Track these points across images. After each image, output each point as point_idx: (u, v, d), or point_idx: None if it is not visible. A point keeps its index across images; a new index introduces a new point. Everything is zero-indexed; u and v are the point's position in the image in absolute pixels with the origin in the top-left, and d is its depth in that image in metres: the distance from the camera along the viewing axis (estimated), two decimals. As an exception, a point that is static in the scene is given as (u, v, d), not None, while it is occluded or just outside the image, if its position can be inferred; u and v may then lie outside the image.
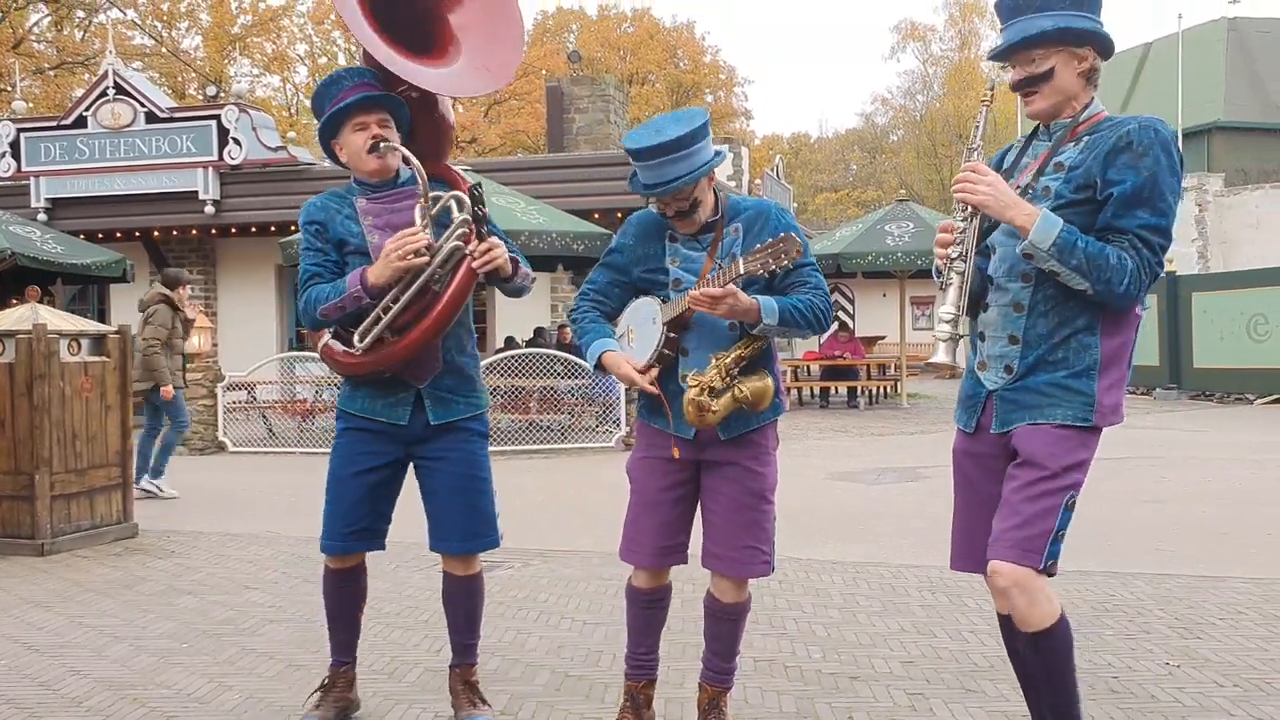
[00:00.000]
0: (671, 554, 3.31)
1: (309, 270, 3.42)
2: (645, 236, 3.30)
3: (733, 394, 3.08)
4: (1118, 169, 2.64)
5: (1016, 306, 2.78)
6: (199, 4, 32.51)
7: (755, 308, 3.03)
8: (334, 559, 3.54)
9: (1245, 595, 5.17)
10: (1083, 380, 2.71)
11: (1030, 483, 2.69)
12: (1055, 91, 2.77)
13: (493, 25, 3.63)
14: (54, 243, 14.06)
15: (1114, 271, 2.60)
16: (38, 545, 6.39)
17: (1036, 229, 2.62)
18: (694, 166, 3.07)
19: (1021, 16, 2.77)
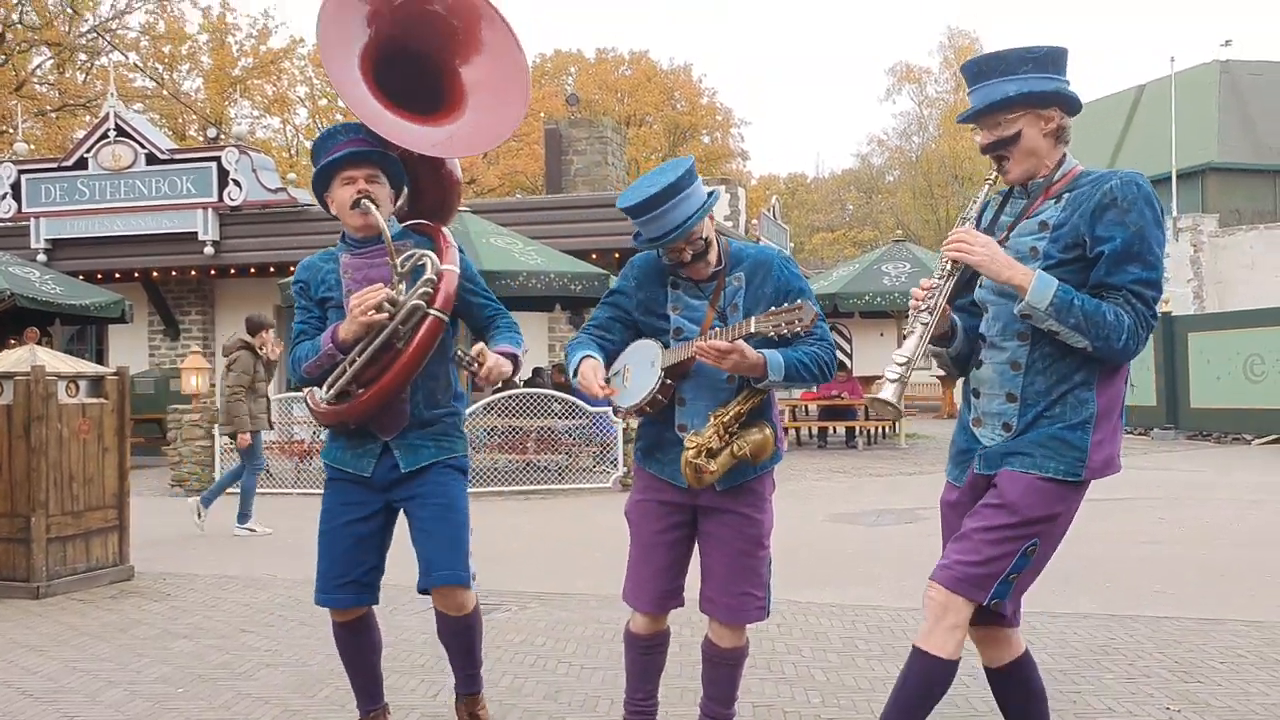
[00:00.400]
0: (670, 598, 3.33)
1: (296, 328, 3.52)
2: (647, 280, 3.32)
3: (731, 451, 3.09)
4: (1105, 226, 2.68)
5: (1014, 365, 2.81)
6: (200, 47, 32.80)
7: (761, 363, 3.02)
8: (335, 612, 3.55)
9: (1245, 639, 5.15)
10: (1077, 433, 2.73)
11: (996, 526, 2.72)
12: (1025, 154, 2.82)
13: (501, 84, 3.67)
14: (53, 283, 14.10)
15: (1112, 328, 2.64)
16: (33, 588, 6.35)
17: (1033, 290, 2.65)
18: (694, 208, 3.09)
19: (986, 81, 2.81)
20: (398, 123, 3.46)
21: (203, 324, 19.11)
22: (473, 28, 3.66)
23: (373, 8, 3.56)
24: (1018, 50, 2.81)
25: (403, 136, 3.45)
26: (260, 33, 33.36)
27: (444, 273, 3.37)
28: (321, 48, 3.52)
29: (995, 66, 2.80)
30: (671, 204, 3.07)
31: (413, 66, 3.62)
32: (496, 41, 3.68)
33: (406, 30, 3.60)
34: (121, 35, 29.36)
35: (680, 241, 3.12)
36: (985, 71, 2.82)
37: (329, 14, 3.47)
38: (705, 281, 3.23)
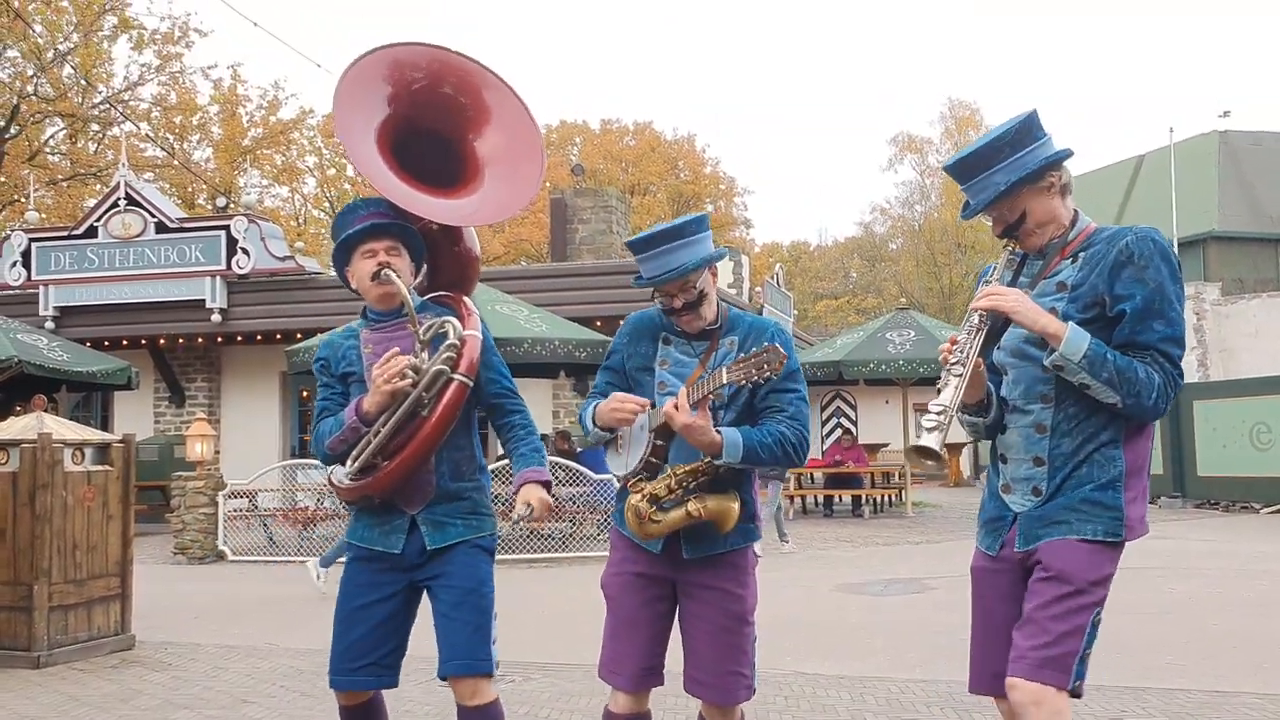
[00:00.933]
0: (651, 675, 3.22)
1: (319, 406, 3.49)
2: (639, 335, 3.30)
3: (685, 509, 2.99)
4: (1124, 284, 2.66)
5: (1039, 428, 2.77)
6: (211, 118, 33.23)
7: (717, 443, 2.95)
8: (342, 695, 3.43)
9: (1259, 711, 5.09)
10: (1109, 493, 2.70)
11: (1057, 598, 2.64)
12: (1038, 225, 2.82)
13: (516, 150, 3.71)
14: (60, 350, 14.17)
15: (1143, 385, 2.62)
16: (33, 658, 6.30)
17: (1068, 340, 2.62)
18: (696, 256, 3.09)
19: (975, 178, 2.83)
20: (421, 197, 3.50)
21: (208, 391, 19.15)
22: (479, 100, 3.72)
23: (393, 90, 3.62)
24: (990, 141, 2.80)
25: (427, 209, 3.49)
26: (270, 104, 33.81)
27: (467, 338, 3.36)
28: (339, 125, 3.56)
29: (977, 164, 2.82)
30: (674, 245, 3.08)
31: (428, 145, 3.68)
32: (504, 108, 3.74)
33: (421, 111, 3.66)
34: (134, 106, 29.79)
35: (674, 285, 3.11)
36: (969, 171, 2.83)
37: (345, 92, 3.53)
38: (698, 339, 3.21)
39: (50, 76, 26.46)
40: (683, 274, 3.09)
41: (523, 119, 3.77)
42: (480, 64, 3.74)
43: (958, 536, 14.23)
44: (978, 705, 5.12)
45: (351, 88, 3.54)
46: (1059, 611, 2.63)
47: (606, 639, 3.26)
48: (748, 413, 3.11)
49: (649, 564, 3.18)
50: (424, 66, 3.67)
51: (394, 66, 3.64)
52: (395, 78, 3.63)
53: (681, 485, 3.01)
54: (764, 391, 3.09)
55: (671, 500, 3.01)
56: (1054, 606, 2.64)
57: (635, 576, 3.21)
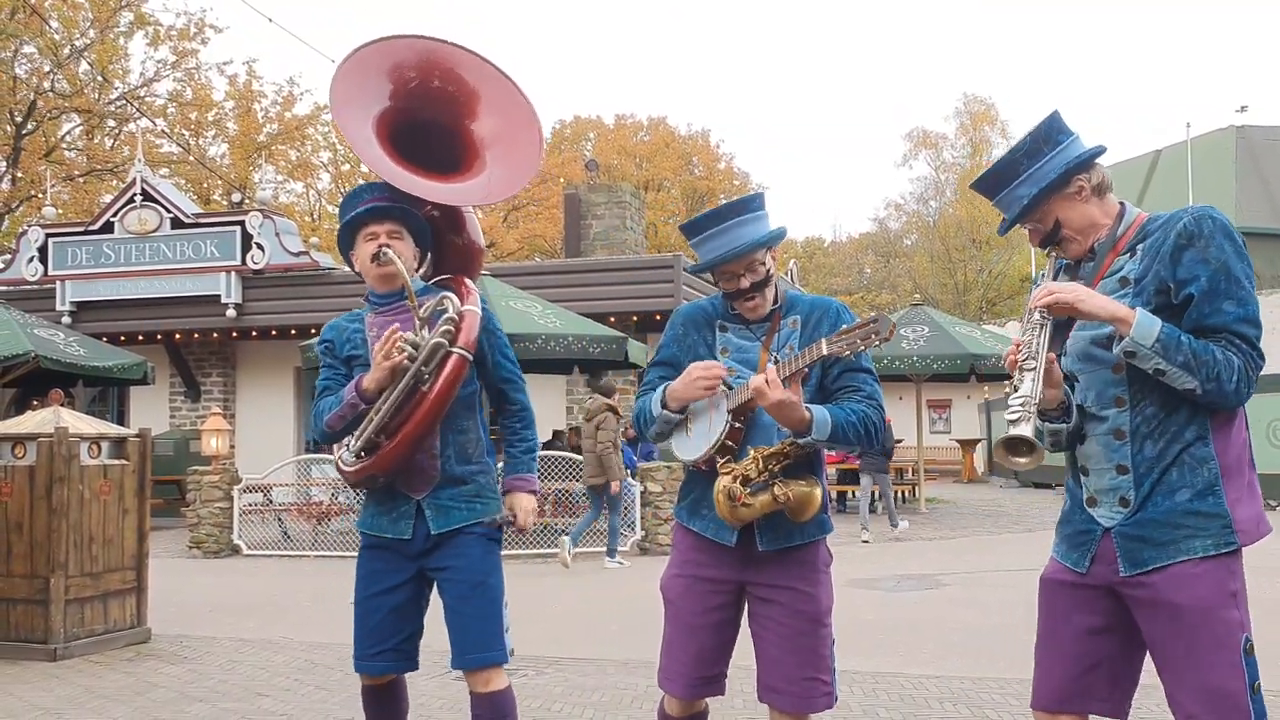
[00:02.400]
0: (709, 685, 3.06)
1: (320, 386, 3.52)
2: (692, 325, 3.13)
3: (772, 493, 2.83)
4: (1186, 266, 2.51)
5: (1118, 434, 2.59)
6: (227, 114, 33.35)
7: (806, 420, 2.80)
8: (365, 676, 3.52)
9: (1274, 708, 5.05)
10: (1209, 500, 2.50)
11: (1195, 640, 2.46)
12: (1076, 232, 2.70)
13: (511, 130, 3.74)
14: (76, 345, 14.24)
15: (1222, 367, 2.44)
16: (50, 650, 6.34)
17: (1138, 325, 2.45)
18: (761, 232, 2.96)
19: (1000, 194, 2.75)
20: (420, 180, 3.53)
21: (224, 385, 19.23)
22: (472, 90, 3.74)
23: (393, 86, 3.65)
24: (1011, 156, 2.73)
25: (427, 192, 3.52)
26: (285, 99, 33.89)
27: (465, 313, 3.37)
28: (337, 116, 3.59)
29: (999, 181, 2.74)
30: (736, 221, 2.94)
31: (430, 134, 3.70)
32: (491, 88, 3.76)
33: (417, 104, 3.69)
34: (150, 102, 29.90)
35: (740, 263, 2.95)
36: (993, 187, 2.76)
37: (339, 89, 3.57)
38: (757, 323, 3.04)
39: (67, 73, 26.60)
40: (750, 248, 2.93)
41: (513, 97, 3.79)
42: (462, 47, 3.76)
43: (971, 533, 14.19)
44: (990, 701, 5.11)
45: (344, 83, 3.58)
46: (1202, 654, 2.44)
47: (664, 645, 3.10)
48: (820, 394, 2.97)
49: (715, 565, 3.00)
50: (413, 60, 3.70)
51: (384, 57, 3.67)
52: (389, 71, 3.67)
53: (767, 468, 2.84)
54: (837, 371, 2.96)
55: (759, 483, 2.84)
56: (1194, 650, 2.45)
57: (697, 580, 3.03)
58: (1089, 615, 2.64)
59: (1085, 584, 2.64)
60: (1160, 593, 2.49)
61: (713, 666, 3.04)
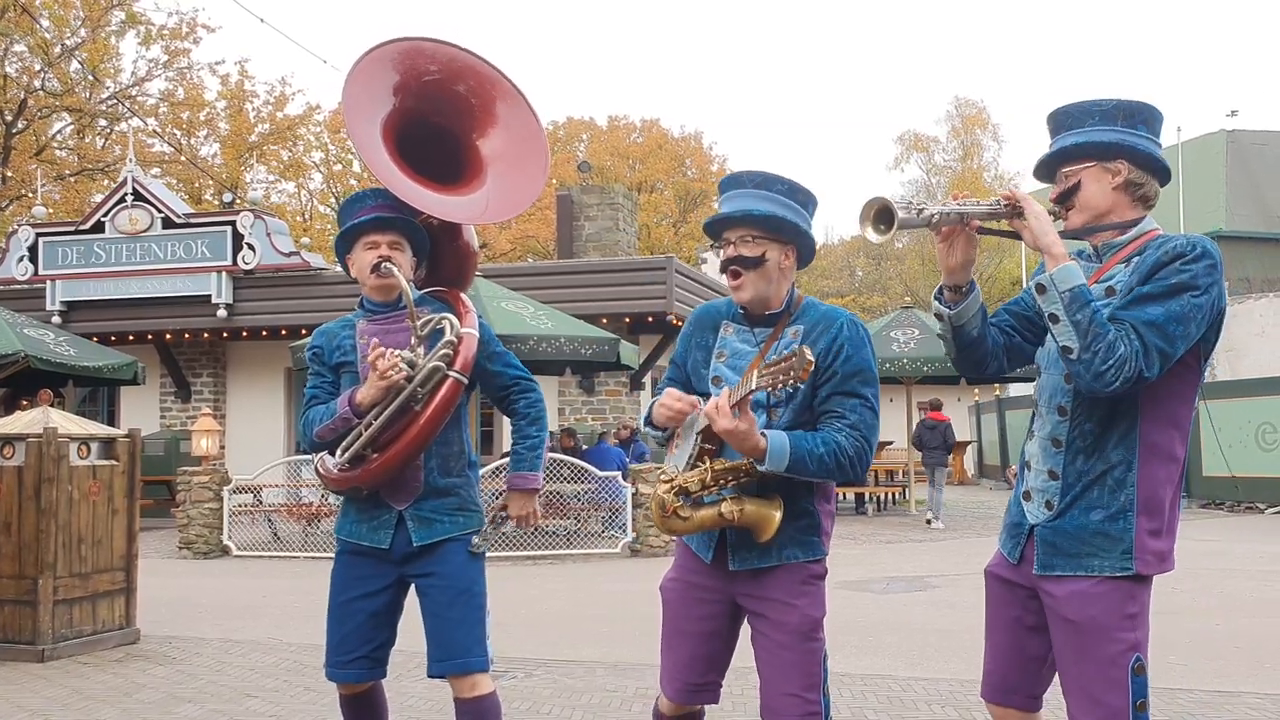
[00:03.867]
0: (700, 693, 2.99)
1: (309, 393, 3.51)
2: (702, 325, 3.05)
3: (719, 510, 2.72)
4: (1155, 279, 2.50)
5: (1055, 441, 2.65)
6: (218, 113, 33.29)
7: (761, 448, 2.66)
8: (343, 685, 3.49)
9: (1260, 712, 5.09)
10: (1119, 524, 2.54)
11: (1086, 658, 2.53)
12: (1085, 206, 2.66)
13: (519, 152, 3.74)
14: (66, 345, 14.20)
15: (1105, 347, 2.42)
16: (38, 651, 6.32)
17: (1064, 268, 2.48)
18: (789, 218, 2.83)
19: (1064, 133, 2.71)
20: (426, 193, 3.52)
21: (214, 386, 19.19)
22: (490, 105, 3.75)
23: (401, 79, 3.63)
24: (1085, 103, 2.70)
25: (430, 205, 3.52)
26: (277, 99, 33.86)
27: (464, 336, 3.38)
28: (347, 115, 3.58)
29: (1064, 123, 2.71)
30: (768, 194, 2.84)
31: (432, 139, 3.70)
32: (514, 117, 3.76)
33: (428, 105, 3.68)
34: (141, 102, 29.85)
35: (744, 230, 2.83)
36: (1058, 128, 2.73)
37: (357, 80, 3.54)
38: (761, 325, 2.93)
39: (58, 72, 26.53)
40: (746, 217, 2.81)
41: (530, 125, 3.79)
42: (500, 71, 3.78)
43: (961, 535, 14.22)
44: (979, 704, 5.12)
45: (364, 76, 3.55)
46: (1091, 672, 2.52)
47: (661, 647, 3.07)
48: (807, 413, 2.82)
49: (705, 575, 2.95)
50: (441, 62, 3.69)
51: (411, 56, 3.66)
52: (408, 68, 3.65)
53: (717, 482, 2.72)
54: (825, 393, 2.80)
55: (707, 497, 2.74)
56: (1083, 666, 2.53)
57: (690, 586, 2.98)
58: (1023, 612, 2.74)
59: (1019, 583, 2.73)
60: (1060, 606, 2.59)
61: (703, 675, 2.98)
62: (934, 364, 15.62)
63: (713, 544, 2.90)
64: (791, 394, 2.80)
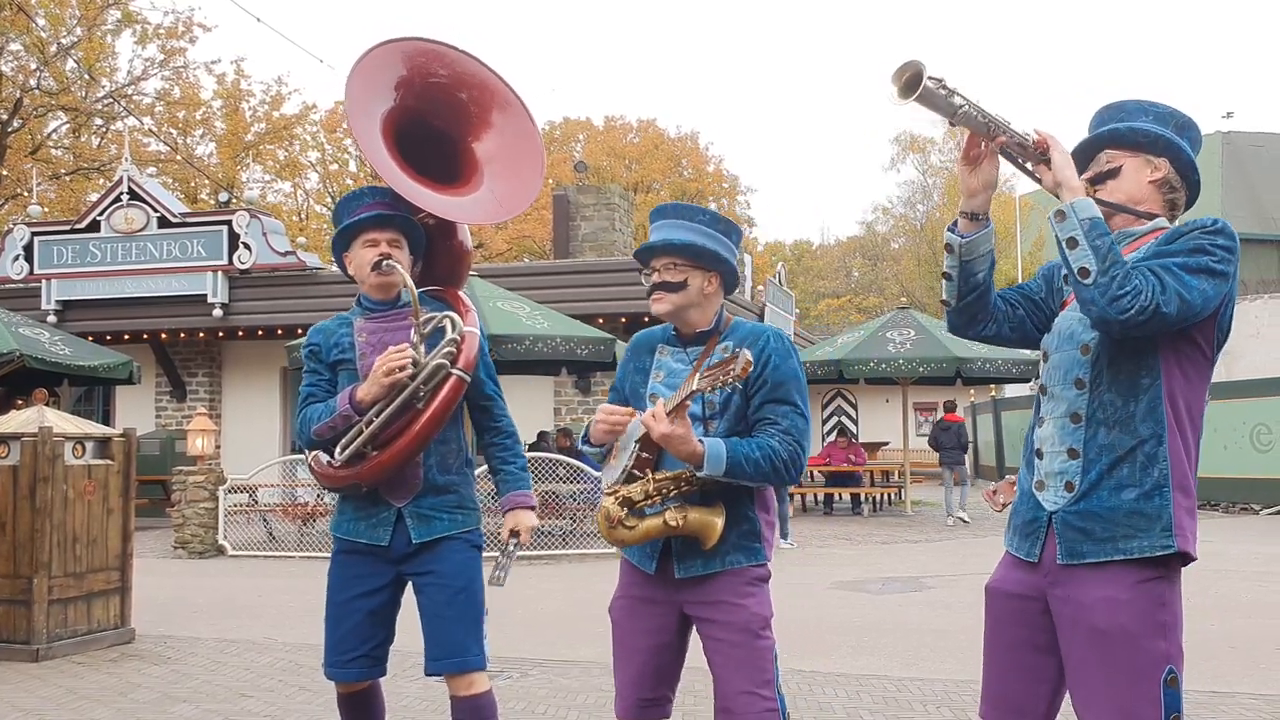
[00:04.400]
0: (651, 708, 3.00)
1: (305, 391, 3.49)
2: (638, 350, 3.16)
3: (664, 519, 2.78)
4: (1175, 243, 2.48)
5: (1074, 417, 2.54)
6: (215, 113, 33.25)
7: (698, 453, 2.73)
8: (340, 684, 3.49)
9: (1255, 712, 5.09)
10: (1154, 501, 2.44)
11: (1112, 667, 2.41)
12: (1120, 191, 2.63)
13: (515, 155, 3.74)
14: (62, 344, 14.17)
15: (1123, 274, 2.35)
16: (33, 651, 6.31)
17: (1083, 200, 2.43)
18: (710, 246, 2.93)
19: (1114, 118, 2.72)
20: (424, 191, 3.52)
21: (210, 385, 19.17)
22: (487, 111, 3.76)
23: (406, 75, 3.63)
24: (1141, 102, 2.71)
25: (425, 201, 3.51)
26: (274, 99, 33.81)
27: (467, 334, 3.38)
28: (349, 106, 3.57)
29: (1114, 115, 2.71)
30: (690, 225, 2.96)
31: (428, 139, 3.70)
32: (510, 121, 3.77)
33: (427, 105, 3.68)
34: (137, 101, 29.79)
35: (667, 259, 2.95)
36: (1113, 115, 2.73)
37: (361, 73, 3.54)
38: (693, 345, 3.02)
39: (53, 70, 26.47)
40: (668, 246, 2.93)
41: (528, 132, 3.80)
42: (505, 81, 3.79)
43: (956, 535, 14.23)
44: (973, 704, 5.12)
45: (360, 78, 3.55)
46: (1119, 680, 2.39)
47: (614, 667, 3.08)
48: (741, 423, 2.92)
49: (650, 587, 2.98)
50: (451, 68, 3.70)
51: (425, 56, 3.67)
52: (413, 68, 3.65)
53: (660, 492, 2.79)
54: (758, 402, 2.90)
55: (650, 508, 2.81)
56: (1111, 672, 2.40)
57: (637, 601, 3.01)
58: (1031, 631, 2.60)
59: (1029, 596, 2.60)
60: (1086, 614, 2.45)
61: (654, 689, 2.99)
62: (930, 365, 15.64)
63: (655, 554, 2.95)
64: (725, 405, 2.89)
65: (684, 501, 2.83)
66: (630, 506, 2.80)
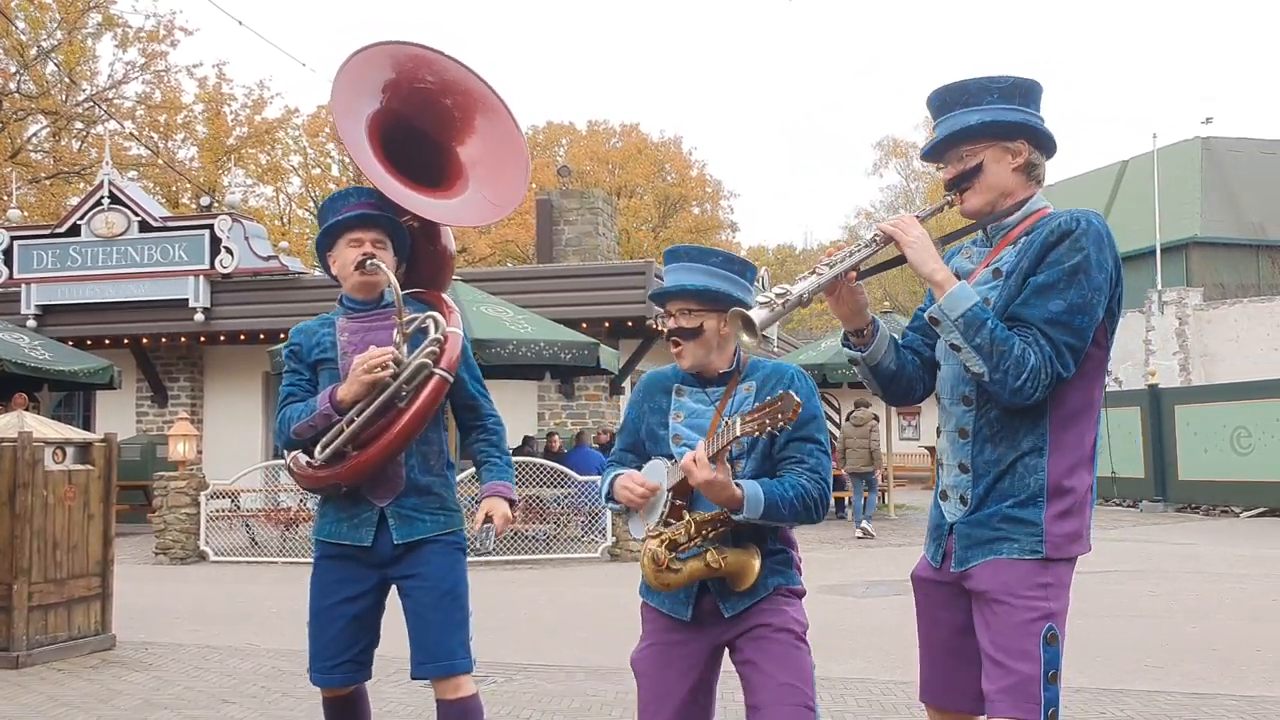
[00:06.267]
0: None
1: (285, 391, 3.47)
2: (652, 391, 3.08)
3: (705, 560, 2.77)
4: (1046, 262, 2.48)
5: (961, 432, 2.63)
6: (196, 116, 33.11)
7: (738, 498, 2.72)
8: (325, 690, 3.47)
9: (1237, 713, 5.12)
10: (1029, 509, 2.52)
11: (997, 626, 2.50)
12: (987, 188, 2.64)
13: (499, 160, 3.75)
14: (42, 349, 14.10)
15: (1014, 363, 2.41)
16: (12, 657, 6.26)
17: (951, 295, 2.48)
18: (724, 289, 2.92)
19: (950, 113, 2.66)
20: (410, 194, 3.52)
21: (191, 390, 19.07)
22: (471, 116, 3.77)
23: (394, 77, 3.63)
24: (981, 79, 2.65)
25: (415, 205, 3.51)
26: (255, 103, 33.71)
27: (450, 334, 3.38)
28: (335, 107, 3.56)
29: (958, 98, 2.65)
30: (708, 268, 2.95)
31: (412, 141, 3.70)
32: (494, 125, 3.78)
33: (412, 109, 3.68)
34: (118, 104, 29.66)
35: (681, 303, 2.93)
36: (949, 103, 2.67)
37: (348, 75, 3.54)
38: (713, 385, 3.00)
39: (33, 74, 26.34)
40: (682, 292, 2.91)
41: (512, 136, 3.80)
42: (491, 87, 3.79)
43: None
44: (958, 707, 5.14)
45: (357, 71, 3.55)
46: (1003, 641, 2.47)
47: (640, 712, 2.97)
48: (767, 462, 2.91)
49: (683, 631, 2.92)
50: (439, 75, 3.71)
51: (408, 61, 3.67)
52: (401, 71, 3.66)
53: (700, 533, 2.79)
54: (783, 440, 2.89)
55: (690, 550, 2.78)
56: (996, 635, 2.49)
57: (665, 646, 2.94)
58: (955, 613, 2.70)
59: (946, 581, 2.70)
60: (976, 583, 2.57)
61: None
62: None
63: (690, 600, 2.90)
64: (753, 445, 2.89)
65: (720, 542, 2.82)
66: (675, 549, 2.78)
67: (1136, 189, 30.71)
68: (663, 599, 2.94)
